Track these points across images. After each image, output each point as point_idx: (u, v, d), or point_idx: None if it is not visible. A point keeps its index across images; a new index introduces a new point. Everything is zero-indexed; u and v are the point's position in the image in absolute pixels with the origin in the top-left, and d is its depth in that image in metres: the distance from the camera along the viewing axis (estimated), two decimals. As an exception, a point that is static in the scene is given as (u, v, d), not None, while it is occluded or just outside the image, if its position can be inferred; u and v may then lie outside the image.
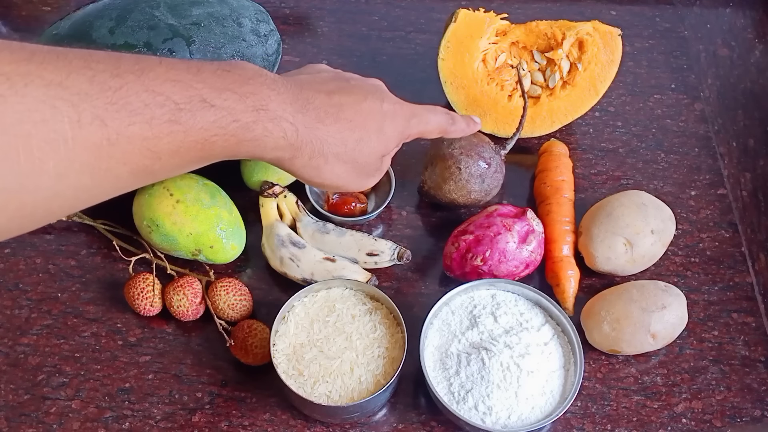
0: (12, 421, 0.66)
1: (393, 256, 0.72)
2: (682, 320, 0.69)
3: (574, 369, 0.64)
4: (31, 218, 0.40)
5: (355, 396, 0.62)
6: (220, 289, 0.69)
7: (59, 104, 0.37)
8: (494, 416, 0.62)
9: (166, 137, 0.42)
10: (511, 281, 0.68)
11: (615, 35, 0.80)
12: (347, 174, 0.56)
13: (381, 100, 0.57)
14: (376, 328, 0.65)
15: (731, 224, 0.78)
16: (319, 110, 0.52)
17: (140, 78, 0.41)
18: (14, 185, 0.37)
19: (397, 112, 0.58)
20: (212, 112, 0.44)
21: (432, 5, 0.97)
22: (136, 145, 0.41)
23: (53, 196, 0.39)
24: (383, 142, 0.57)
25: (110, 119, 0.39)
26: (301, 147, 0.51)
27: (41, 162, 0.37)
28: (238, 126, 0.46)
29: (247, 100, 0.46)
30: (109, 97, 0.39)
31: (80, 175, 0.39)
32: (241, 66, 0.48)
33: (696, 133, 0.85)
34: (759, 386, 0.69)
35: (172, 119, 0.42)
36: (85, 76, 0.39)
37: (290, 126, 0.49)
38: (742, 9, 0.98)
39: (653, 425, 0.66)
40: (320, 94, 0.53)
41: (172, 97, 0.42)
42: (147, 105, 0.41)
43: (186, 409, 0.67)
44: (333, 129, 0.53)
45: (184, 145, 0.43)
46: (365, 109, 0.55)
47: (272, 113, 0.48)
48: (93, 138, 0.39)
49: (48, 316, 0.72)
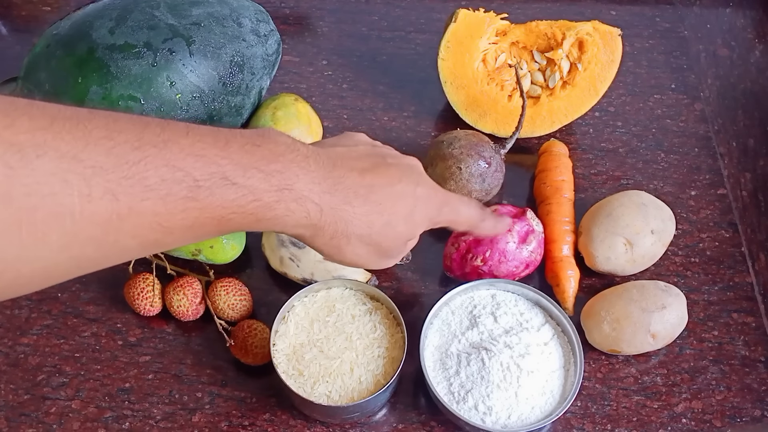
0: (12, 421, 0.66)
1: (393, 256, 0.72)
2: (682, 320, 0.69)
3: (574, 369, 0.64)
4: (28, 286, 0.38)
5: (355, 396, 0.62)
6: (220, 289, 0.69)
7: (71, 177, 0.36)
8: (494, 416, 0.62)
9: (181, 213, 0.41)
10: (511, 281, 0.68)
11: (615, 35, 0.80)
12: (368, 255, 0.54)
13: (415, 183, 0.54)
14: (376, 328, 0.65)
15: (731, 224, 0.78)
16: (348, 191, 0.50)
17: (162, 151, 0.39)
18: (12, 256, 0.36)
19: (430, 199, 0.55)
20: (233, 191, 0.42)
21: (432, 5, 0.97)
22: (148, 220, 0.39)
23: (53, 266, 0.38)
24: (410, 228, 0.55)
25: (123, 194, 0.38)
26: (323, 227, 0.49)
27: (44, 235, 0.36)
28: (259, 205, 0.44)
29: (273, 179, 0.44)
30: (125, 171, 0.38)
31: (84, 248, 0.38)
32: (274, 140, 0.46)
33: (696, 133, 0.85)
34: (759, 386, 0.69)
35: (189, 196, 0.40)
36: (104, 147, 0.37)
37: (315, 206, 0.47)
38: (742, 9, 0.98)
39: (653, 425, 0.66)
40: (353, 172, 0.51)
41: (193, 173, 0.40)
42: (164, 180, 0.39)
43: (186, 409, 0.67)
44: (360, 211, 0.50)
45: (198, 221, 0.42)
46: (397, 192, 0.53)
47: (297, 193, 0.46)
48: (102, 212, 0.37)
49: (48, 316, 0.72)
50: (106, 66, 0.68)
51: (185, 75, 0.70)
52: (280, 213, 0.45)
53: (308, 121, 0.77)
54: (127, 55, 0.68)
